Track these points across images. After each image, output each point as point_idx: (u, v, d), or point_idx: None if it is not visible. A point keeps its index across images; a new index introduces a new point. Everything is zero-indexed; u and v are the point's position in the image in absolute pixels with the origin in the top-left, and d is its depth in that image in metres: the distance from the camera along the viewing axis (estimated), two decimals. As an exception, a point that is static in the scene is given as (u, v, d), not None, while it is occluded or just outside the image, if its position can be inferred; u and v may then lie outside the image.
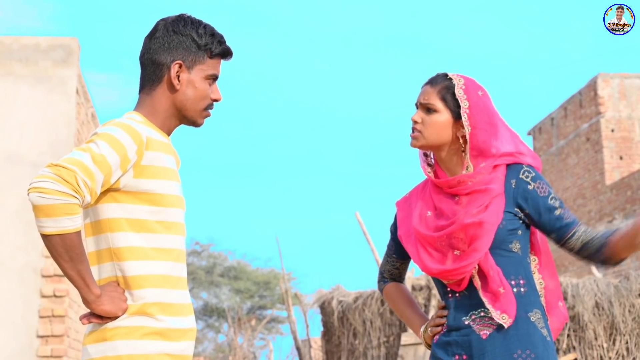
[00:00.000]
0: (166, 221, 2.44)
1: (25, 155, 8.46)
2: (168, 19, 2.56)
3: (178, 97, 2.51)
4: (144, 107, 2.53)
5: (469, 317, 2.66)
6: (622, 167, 21.21)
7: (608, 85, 21.60)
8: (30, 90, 8.57)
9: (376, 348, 9.84)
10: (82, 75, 9.13)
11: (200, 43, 2.52)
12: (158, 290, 2.40)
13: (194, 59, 2.52)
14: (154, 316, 2.38)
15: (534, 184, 2.69)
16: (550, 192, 2.69)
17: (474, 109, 2.74)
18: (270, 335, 30.45)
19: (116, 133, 2.35)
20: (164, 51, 2.51)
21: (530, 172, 2.70)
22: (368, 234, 10.80)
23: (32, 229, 8.28)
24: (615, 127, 21.43)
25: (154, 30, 2.55)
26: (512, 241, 2.67)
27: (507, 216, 2.67)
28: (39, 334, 8.11)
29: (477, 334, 2.63)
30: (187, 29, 2.52)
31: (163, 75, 2.51)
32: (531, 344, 2.56)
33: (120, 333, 2.35)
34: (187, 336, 2.46)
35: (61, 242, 2.26)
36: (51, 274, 8.20)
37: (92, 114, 10.27)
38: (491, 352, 2.59)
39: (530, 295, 2.65)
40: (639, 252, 18.44)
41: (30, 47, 8.65)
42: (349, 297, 10.42)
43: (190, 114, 2.54)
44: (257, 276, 30.68)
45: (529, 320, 2.60)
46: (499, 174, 2.70)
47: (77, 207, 2.25)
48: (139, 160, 2.39)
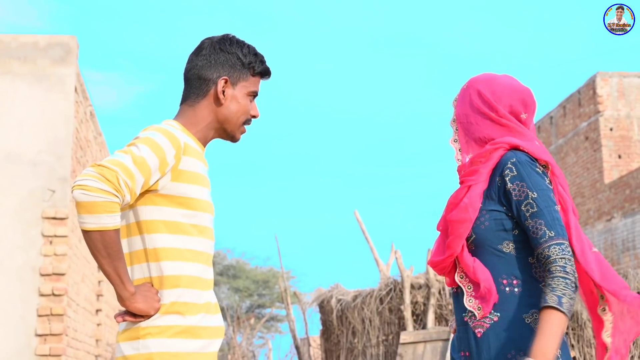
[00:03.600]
0: (199, 225, 2.57)
1: (23, 154, 8.45)
2: (214, 38, 2.73)
3: (222, 110, 2.67)
4: (184, 117, 2.67)
5: (467, 314, 2.66)
6: (620, 166, 21.21)
7: (607, 84, 21.61)
8: (29, 88, 8.55)
9: (375, 346, 9.84)
10: (80, 73, 9.12)
11: (244, 61, 2.69)
12: (190, 291, 2.51)
13: (238, 76, 2.68)
14: (185, 315, 2.48)
15: (511, 184, 2.58)
16: (527, 195, 2.56)
17: (458, 106, 2.80)
18: (269, 333, 30.46)
19: (156, 137, 2.48)
20: (210, 67, 2.67)
21: (512, 170, 2.59)
22: (367, 233, 10.80)
23: (31, 227, 8.27)
24: (614, 126, 21.43)
25: (200, 48, 2.72)
26: (503, 241, 2.60)
27: (492, 216, 2.61)
28: (37, 333, 8.10)
29: (474, 331, 2.62)
30: (232, 47, 2.69)
31: (209, 89, 2.67)
32: (524, 346, 2.51)
33: (153, 332, 2.46)
34: (217, 334, 2.58)
35: (100, 239, 2.36)
36: (49, 273, 8.19)
37: (91, 113, 10.26)
38: (486, 351, 2.58)
39: (526, 296, 2.57)
40: (635, 251, 18.42)
41: (29, 46, 8.64)
42: (348, 295, 10.42)
43: (231, 128, 2.70)
44: (256, 275, 30.69)
45: (524, 321, 2.55)
46: (484, 168, 2.64)
47: (118, 205, 2.37)
48: (177, 165, 2.51)
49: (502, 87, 2.76)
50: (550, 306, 2.43)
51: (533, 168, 2.60)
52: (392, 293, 9.67)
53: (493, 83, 2.77)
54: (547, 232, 2.51)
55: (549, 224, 2.52)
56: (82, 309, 9.86)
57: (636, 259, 19.00)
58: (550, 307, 2.43)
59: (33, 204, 8.34)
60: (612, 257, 20.21)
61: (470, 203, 2.62)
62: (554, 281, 2.46)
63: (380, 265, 10.72)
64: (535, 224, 2.53)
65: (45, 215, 8.31)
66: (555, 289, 2.45)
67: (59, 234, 8.30)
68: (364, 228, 10.79)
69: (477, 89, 2.76)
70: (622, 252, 19.81)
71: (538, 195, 2.55)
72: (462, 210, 2.62)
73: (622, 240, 19.87)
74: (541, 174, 2.61)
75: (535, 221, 2.53)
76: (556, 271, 2.47)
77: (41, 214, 8.32)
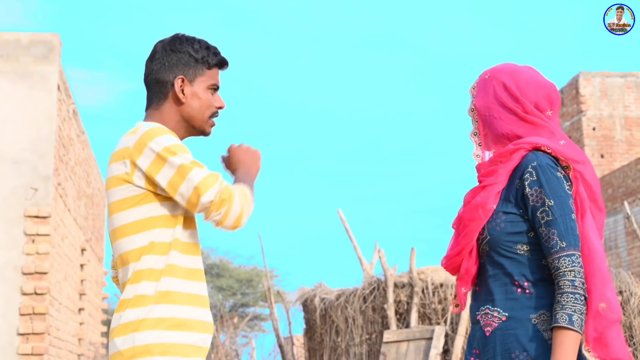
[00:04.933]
0: (188, 216, 2.64)
1: (6, 152, 8.40)
2: (164, 41, 2.78)
3: (185, 109, 2.72)
4: (152, 120, 2.72)
5: (479, 312, 2.66)
6: (603, 166, 21.32)
7: (589, 84, 21.71)
8: (12, 86, 8.51)
9: (358, 345, 9.85)
10: (63, 71, 9.08)
11: (197, 57, 2.73)
12: (185, 282, 2.58)
13: (194, 72, 2.73)
14: (178, 305, 2.55)
15: (530, 189, 2.55)
16: (544, 202, 2.52)
17: (478, 97, 2.71)
18: (252, 332, 30.41)
19: (173, 140, 2.57)
20: (165, 70, 2.72)
21: (532, 174, 2.55)
22: (351, 232, 10.80)
23: (13, 226, 8.23)
24: (596, 126, 21.53)
25: (153, 53, 2.76)
26: (517, 243, 2.57)
27: (509, 218, 2.59)
28: (19, 332, 8.06)
29: (483, 330, 2.62)
30: (183, 46, 2.74)
31: (168, 91, 2.72)
32: (528, 347, 2.51)
33: (148, 324, 2.51)
34: (208, 329, 2.63)
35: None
36: (32, 272, 8.15)
37: (74, 111, 10.22)
38: (492, 349, 2.58)
39: (537, 297, 2.55)
40: (618, 250, 18.50)
41: (11, 43, 8.60)
42: (332, 294, 10.42)
43: (198, 124, 2.75)
44: (240, 274, 30.63)
45: (530, 322, 2.53)
46: (503, 169, 2.61)
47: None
48: None
49: (527, 82, 2.68)
50: (562, 326, 2.43)
51: (553, 173, 2.56)
52: (375, 292, 9.68)
53: (518, 76, 2.70)
54: (558, 243, 2.49)
55: (561, 233, 2.50)
56: (65, 307, 9.82)
57: (618, 258, 19.11)
58: (562, 327, 2.43)
59: (15, 202, 8.30)
60: (595, 256, 20.31)
61: (481, 203, 2.60)
62: (563, 297, 2.46)
63: (363, 264, 10.73)
64: (549, 232, 2.51)
65: (27, 214, 8.27)
66: (565, 306, 2.44)
67: (41, 233, 8.26)
68: (348, 227, 10.79)
69: (502, 81, 2.69)
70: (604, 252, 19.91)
71: (555, 203, 2.52)
72: (472, 209, 2.61)
73: (604, 239, 19.96)
74: (561, 179, 2.56)
75: (549, 230, 2.51)
76: (565, 286, 2.46)
77: (23, 213, 8.28)
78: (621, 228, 19.11)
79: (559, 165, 2.59)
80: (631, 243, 18.62)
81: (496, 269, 2.62)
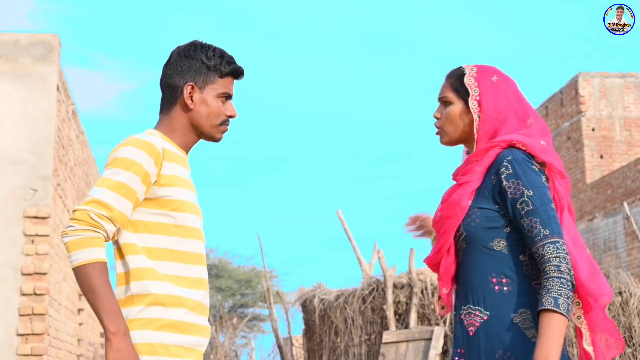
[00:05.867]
0: (184, 225, 2.64)
1: (5, 153, 8.40)
2: (181, 46, 2.80)
3: (193, 115, 2.74)
4: (162, 125, 2.77)
5: (462, 312, 2.66)
6: (602, 166, 21.33)
7: (589, 85, 21.72)
8: (10, 87, 8.51)
9: (357, 346, 9.85)
10: (62, 72, 9.08)
11: (209, 64, 2.75)
12: (169, 285, 2.57)
13: (205, 80, 2.74)
14: (167, 307, 2.55)
15: (507, 182, 2.56)
16: (523, 193, 2.53)
17: (484, 96, 2.70)
18: (251, 333, 30.41)
19: (130, 154, 2.57)
20: (177, 75, 2.75)
21: (508, 168, 2.57)
22: (350, 232, 10.80)
23: (12, 226, 8.23)
24: (595, 126, 21.54)
25: (169, 58, 2.79)
26: (493, 239, 2.59)
27: (484, 213, 2.60)
28: (19, 332, 8.05)
29: (467, 329, 2.63)
30: (197, 52, 2.76)
31: (178, 96, 2.75)
32: (511, 346, 2.52)
33: (137, 324, 2.52)
34: (203, 332, 2.63)
35: (80, 275, 2.48)
36: (31, 272, 8.15)
37: (73, 111, 10.21)
38: (476, 349, 2.59)
39: (516, 295, 2.56)
40: (617, 251, 18.51)
41: (10, 44, 8.59)
42: (331, 295, 10.42)
43: (206, 130, 2.76)
44: (239, 274, 30.61)
45: (512, 321, 2.54)
46: (479, 167, 2.63)
47: (95, 239, 2.49)
48: (159, 171, 2.61)
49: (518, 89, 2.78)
50: (548, 309, 2.42)
51: (529, 166, 2.58)
52: (374, 292, 9.67)
53: (514, 83, 2.77)
54: (542, 231, 2.50)
55: (544, 222, 2.51)
56: (64, 308, 9.82)
57: (617, 258, 19.11)
58: (548, 310, 2.42)
59: (14, 202, 8.30)
60: (594, 257, 20.32)
61: (457, 200, 2.63)
62: (549, 282, 2.46)
63: (362, 265, 10.73)
64: (531, 222, 2.52)
65: (26, 215, 8.27)
66: (551, 290, 2.44)
67: (40, 233, 8.26)
68: (347, 227, 10.79)
69: (513, 87, 2.74)
70: (603, 252, 19.92)
71: (534, 193, 2.54)
72: (449, 207, 2.64)
73: (603, 240, 19.98)
74: (537, 172, 2.59)
75: (531, 219, 2.52)
76: (550, 271, 2.47)
77: (23, 213, 8.27)
78: (620, 229, 19.11)
79: (535, 160, 2.62)
80: (630, 244, 18.61)
81: (474, 266, 2.63)
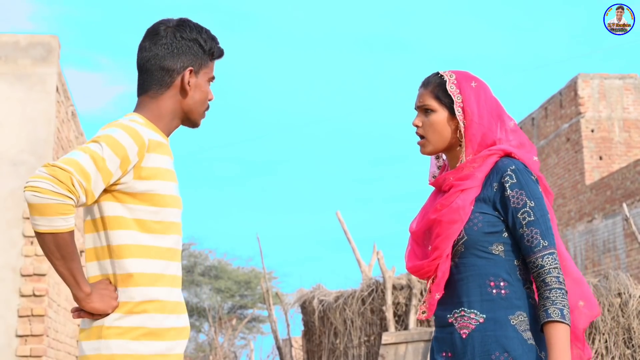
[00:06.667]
0: (164, 221, 2.50)
1: (4, 154, 8.40)
2: (170, 23, 2.62)
3: (187, 101, 2.59)
4: (147, 110, 2.58)
5: (452, 315, 2.66)
6: (601, 167, 21.33)
7: (588, 86, 21.73)
8: (10, 88, 8.51)
9: (357, 347, 9.85)
10: (62, 73, 9.08)
11: (205, 48, 2.61)
12: (155, 289, 2.45)
13: (200, 64, 2.60)
14: (151, 314, 2.43)
15: (511, 191, 2.60)
16: (525, 203, 2.58)
17: (467, 102, 2.71)
18: (251, 334, 30.43)
19: (117, 134, 2.41)
20: (173, 57, 2.57)
21: (512, 177, 2.61)
22: (349, 233, 10.80)
23: (11, 227, 8.23)
24: (595, 128, 21.55)
25: (156, 34, 2.60)
26: (492, 243, 2.61)
27: (485, 218, 2.62)
28: (18, 334, 8.05)
29: (459, 332, 2.63)
30: (193, 34, 2.60)
31: (173, 80, 2.57)
32: (509, 347, 2.54)
33: (115, 332, 2.40)
34: (182, 335, 2.52)
35: (53, 241, 2.33)
36: (30, 273, 8.15)
37: (72, 112, 10.21)
38: (470, 352, 2.59)
39: (512, 298, 2.59)
40: (616, 252, 18.52)
41: (10, 45, 8.60)
42: (330, 296, 10.42)
43: (195, 116, 2.63)
44: (238, 275, 30.62)
45: (509, 323, 2.56)
46: (479, 173, 2.64)
47: (71, 207, 2.31)
48: (140, 162, 2.44)
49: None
50: (556, 320, 2.50)
51: (530, 176, 2.65)
52: (374, 294, 9.68)
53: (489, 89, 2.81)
54: (541, 242, 2.57)
55: (543, 233, 2.58)
56: (63, 309, 9.82)
57: (617, 260, 19.12)
58: (556, 321, 2.50)
59: (14, 204, 8.30)
60: (593, 258, 20.32)
61: (462, 206, 2.63)
62: (552, 293, 2.53)
63: (362, 266, 10.73)
64: (531, 232, 2.58)
65: (26, 216, 8.27)
66: (556, 301, 2.52)
67: (39, 234, 8.25)
68: (346, 228, 10.79)
69: (490, 91, 2.77)
70: (602, 253, 19.93)
71: (535, 204, 2.60)
72: (454, 212, 2.64)
73: (602, 241, 19.98)
74: (536, 182, 2.65)
75: (531, 230, 2.58)
76: (552, 282, 2.54)
77: (22, 214, 8.27)
78: (620, 230, 19.11)
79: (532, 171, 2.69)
80: (630, 245, 18.62)
81: (471, 270, 2.64)
